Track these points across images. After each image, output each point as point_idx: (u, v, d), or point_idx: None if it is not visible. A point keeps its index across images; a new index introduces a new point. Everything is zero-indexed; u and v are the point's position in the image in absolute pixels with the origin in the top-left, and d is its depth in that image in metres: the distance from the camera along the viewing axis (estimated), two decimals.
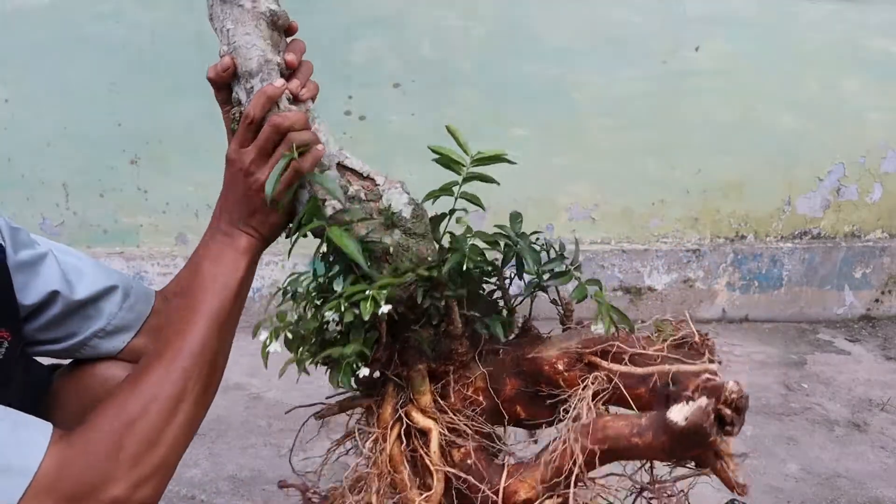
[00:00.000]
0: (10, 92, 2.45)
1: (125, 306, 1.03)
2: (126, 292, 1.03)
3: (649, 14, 2.67)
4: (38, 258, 0.97)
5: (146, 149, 2.55)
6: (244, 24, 0.92)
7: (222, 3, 0.93)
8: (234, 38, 0.93)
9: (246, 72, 0.92)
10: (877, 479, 1.89)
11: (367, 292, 0.83)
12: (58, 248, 1.01)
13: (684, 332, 0.91)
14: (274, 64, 0.93)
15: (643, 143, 2.80)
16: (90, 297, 0.99)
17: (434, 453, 0.92)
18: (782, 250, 2.99)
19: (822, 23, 2.77)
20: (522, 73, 2.65)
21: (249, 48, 0.92)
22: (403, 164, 2.69)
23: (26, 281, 0.95)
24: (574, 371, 0.92)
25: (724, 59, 2.75)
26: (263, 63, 0.92)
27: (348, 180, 0.93)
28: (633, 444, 0.82)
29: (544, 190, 2.80)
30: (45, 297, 0.96)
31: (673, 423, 0.76)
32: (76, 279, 0.99)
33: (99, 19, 2.41)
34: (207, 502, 1.65)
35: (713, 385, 0.76)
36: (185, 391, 0.86)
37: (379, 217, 0.92)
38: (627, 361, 0.89)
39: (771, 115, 2.85)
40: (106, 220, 2.59)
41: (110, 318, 1.01)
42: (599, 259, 2.87)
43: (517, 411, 0.98)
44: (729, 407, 0.76)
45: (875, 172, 2.98)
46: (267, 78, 0.91)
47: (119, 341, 1.03)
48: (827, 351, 2.77)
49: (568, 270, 0.97)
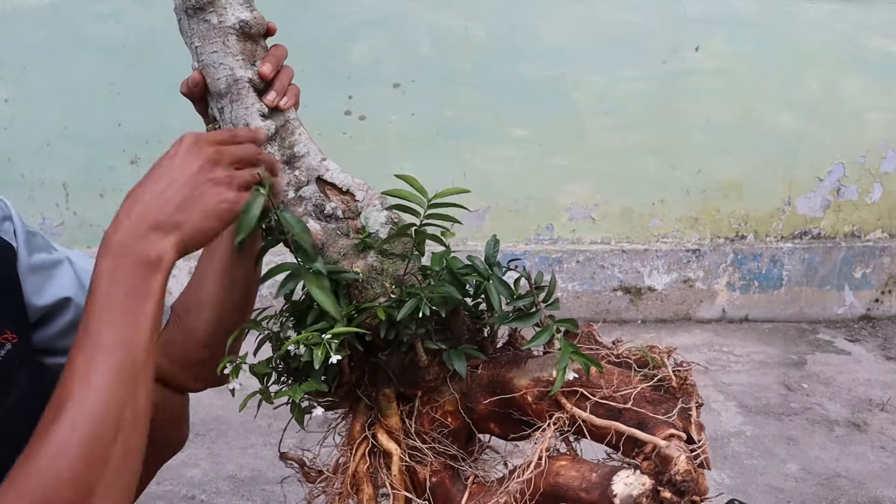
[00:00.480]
0: (10, 92, 2.45)
1: None
2: None
3: (649, 14, 2.67)
4: (54, 263, 0.95)
5: (146, 149, 2.55)
6: (211, 42, 0.89)
7: (188, 17, 0.89)
8: (202, 57, 0.90)
9: (215, 92, 0.90)
10: (877, 479, 1.89)
11: (323, 337, 0.81)
12: (76, 256, 0.99)
13: (662, 374, 0.90)
14: (244, 81, 0.90)
15: (643, 143, 2.80)
16: None
17: (395, 476, 0.92)
18: (782, 250, 2.99)
19: (822, 23, 2.77)
20: (522, 73, 2.65)
21: (217, 67, 0.89)
22: (403, 164, 2.69)
23: (40, 283, 0.93)
24: (542, 405, 0.92)
25: (724, 59, 2.75)
26: (232, 83, 0.89)
27: (327, 195, 0.91)
28: (580, 498, 0.82)
29: (544, 190, 2.80)
30: (58, 301, 0.94)
31: (612, 495, 0.76)
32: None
33: (99, 19, 2.41)
34: (207, 502, 1.66)
35: (665, 455, 0.76)
36: (91, 480, 0.67)
37: (355, 237, 0.89)
38: (596, 402, 0.88)
39: (771, 115, 2.85)
40: (106, 220, 2.57)
41: None
42: (599, 259, 2.87)
43: (491, 428, 0.98)
44: (672, 488, 0.74)
45: (875, 172, 2.98)
46: (236, 98, 0.89)
47: None
48: (827, 351, 2.77)
49: (536, 311, 0.95)
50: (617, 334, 3.08)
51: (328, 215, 0.90)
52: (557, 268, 2.83)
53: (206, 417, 2.01)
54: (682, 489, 0.74)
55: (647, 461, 0.77)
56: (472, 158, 2.71)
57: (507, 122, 2.70)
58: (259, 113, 0.90)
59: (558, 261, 2.83)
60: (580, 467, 0.85)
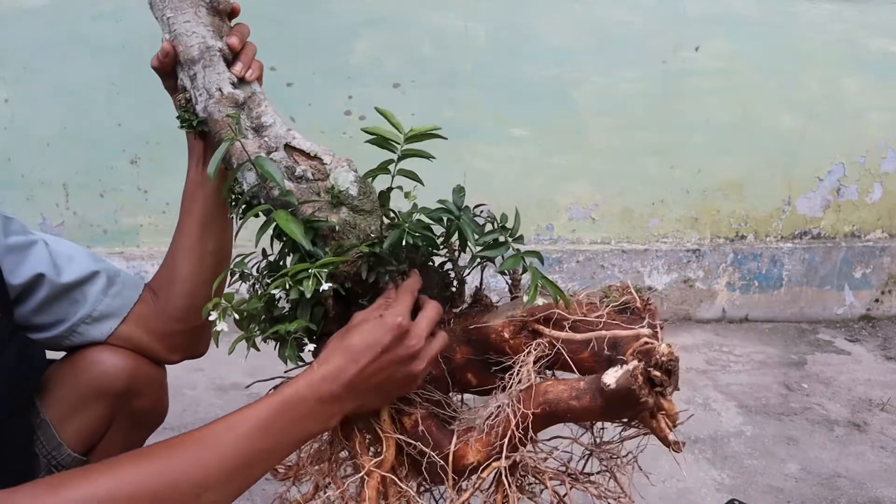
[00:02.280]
0: (10, 92, 2.45)
1: (111, 293, 1.06)
2: (111, 279, 1.07)
3: (649, 14, 2.67)
4: (29, 244, 1.01)
5: (146, 149, 2.55)
6: (183, 12, 0.95)
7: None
8: (175, 26, 0.96)
9: (188, 59, 0.95)
10: (877, 479, 1.89)
11: (310, 271, 0.85)
12: (51, 239, 1.05)
13: (627, 297, 0.95)
14: (215, 50, 0.94)
15: (643, 143, 2.80)
16: (75, 280, 1.03)
17: (384, 421, 0.93)
18: (782, 250, 2.99)
19: (822, 23, 2.77)
20: (522, 73, 2.65)
21: (189, 35, 0.94)
22: (403, 164, 2.69)
23: (16, 262, 0.98)
24: (519, 338, 0.95)
25: (724, 59, 2.75)
26: (205, 49, 0.94)
27: (295, 160, 0.94)
28: (571, 406, 0.86)
29: (544, 190, 2.80)
30: (32, 278, 0.99)
31: (606, 386, 0.81)
32: (64, 264, 1.03)
33: (99, 19, 2.41)
34: None
35: (646, 348, 0.81)
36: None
37: (326, 196, 0.93)
38: (569, 328, 0.92)
39: (771, 115, 2.85)
40: (106, 220, 2.59)
41: (95, 303, 1.05)
42: (599, 259, 2.87)
43: (468, 379, 1.00)
44: (659, 369, 0.80)
45: (875, 172, 2.98)
46: (209, 64, 0.93)
47: (106, 328, 1.06)
48: (827, 351, 2.77)
49: (505, 241, 0.99)
50: None
51: (298, 177, 0.93)
52: (557, 267, 2.83)
53: (206, 417, 2.01)
54: (668, 368, 0.80)
55: (632, 356, 0.82)
56: (472, 158, 2.71)
57: (507, 122, 2.70)
58: (229, 80, 0.94)
59: (558, 261, 2.83)
60: (567, 382, 0.89)
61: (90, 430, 1.09)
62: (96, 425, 1.10)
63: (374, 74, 2.60)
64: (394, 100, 2.61)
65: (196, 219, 1.08)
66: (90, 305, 1.04)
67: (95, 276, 1.05)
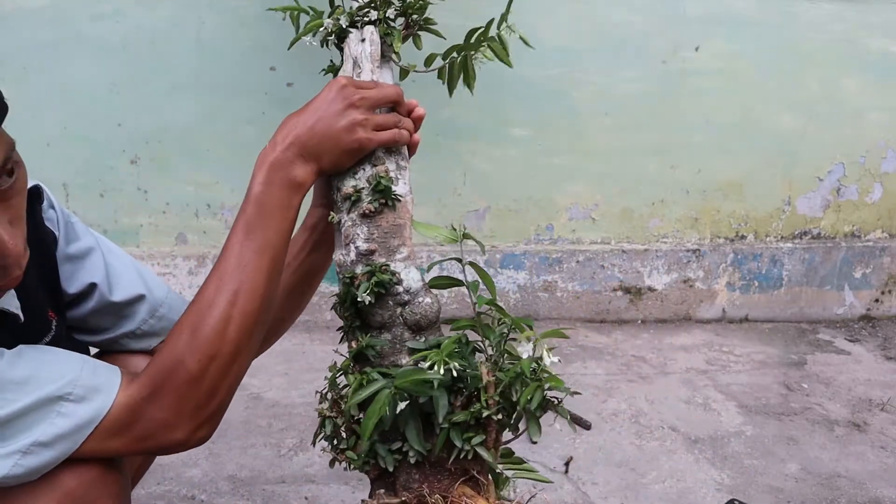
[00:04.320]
0: (10, 92, 2.43)
1: (157, 314, 1.09)
2: (155, 305, 1.08)
3: (649, 14, 2.67)
4: (86, 252, 1.03)
5: (146, 149, 2.55)
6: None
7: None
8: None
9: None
10: (877, 479, 1.89)
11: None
12: (105, 247, 1.07)
13: None
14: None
15: (643, 143, 2.80)
16: (124, 301, 1.05)
17: None
18: (782, 250, 2.99)
19: (822, 23, 2.77)
20: (522, 73, 2.65)
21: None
22: None
23: (73, 270, 1.01)
24: None
25: (724, 59, 2.75)
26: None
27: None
28: None
29: (544, 190, 2.80)
30: (86, 287, 1.02)
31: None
32: (115, 282, 1.05)
33: (99, 19, 2.41)
34: (207, 502, 1.65)
35: None
36: (241, 347, 0.89)
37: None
38: None
39: (771, 115, 2.85)
40: (106, 220, 2.59)
41: (141, 323, 1.07)
42: (599, 259, 2.87)
43: None
44: None
45: (875, 172, 2.98)
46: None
47: (147, 344, 1.09)
48: (827, 351, 2.77)
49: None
50: (617, 334, 3.10)
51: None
52: (557, 267, 2.83)
53: None
54: None
55: None
56: (472, 158, 2.71)
57: (507, 122, 2.70)
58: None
59: (558, 261, 2.83)
60: None
61: None
62: None
63: None
64: None
65: (284, 285, 1.06)
66: (135, 324, 1.07)
67: (141, 300, 1.07)
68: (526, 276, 2.81)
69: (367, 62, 1.11)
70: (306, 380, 2.25)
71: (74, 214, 1.06)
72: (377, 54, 1.12)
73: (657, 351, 2.66)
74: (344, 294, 0.98)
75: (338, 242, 1.03)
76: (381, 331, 0.98)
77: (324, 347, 2.47)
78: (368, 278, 0.95)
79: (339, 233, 1.02)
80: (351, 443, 0.98)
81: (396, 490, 0.96)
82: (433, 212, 2.70)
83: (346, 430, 0.99)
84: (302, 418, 2.04)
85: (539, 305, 2.83)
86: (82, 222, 1.06)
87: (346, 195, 1.00)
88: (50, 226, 0.99)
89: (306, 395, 2.16)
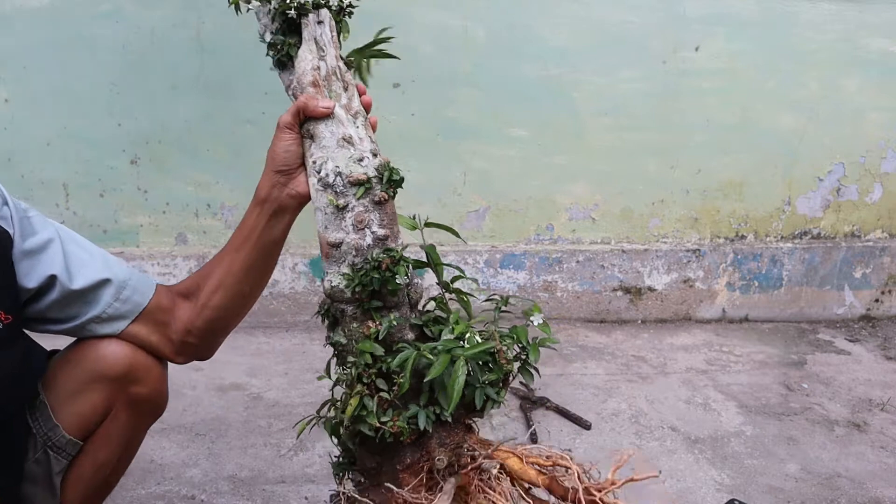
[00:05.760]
0: (10, 92, 2.45)
1: (121, 297, 1.10)
2: (120, 287, 1.10)
3: (649, 14, 2.67)
4: (44, 245, 1.04)
5: (146, 149, 2.55)
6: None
7: None
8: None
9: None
10: (877, 479, 1.89)
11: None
12: (65, 236, 1.08)
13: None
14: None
15: (643, 143, 2.80)
16: (86, 287, 1.06)
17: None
18: (782, 250, 2.99)
19: (822, 23, 2.77)
20: (522, 73, 2.65)
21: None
22: (403, 164, 2.69)
23: (31, 265, 1.02)
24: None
25: (724, 59, 2.75)
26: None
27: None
28: None
29: (544, 190, 2.80)
30: (45, 280, 1.03)
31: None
32: (76, 270, 1.06)
33: (99, 19, 2.41)
34: (207, 502, 1.65)
35: None
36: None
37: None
38: None
39: (771, 115, 2.85)
40: (106, 220, 2.59)
41: (106, 307, 1.09)
42: (599, 259, 2.87)
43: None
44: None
45: (875, 172, 2.98)
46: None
47: (115, 327, 1.11)
48: (827, 351, 2.77)
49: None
50: (617, 334, 3.09)
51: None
52: (557, 267, 2.83)
53: (206, 417, 2.01)
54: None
55: None
56: (472, 158, 2.71)
57: (507, 122, 2.70)
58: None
59: (558, 261, 2.83)
60: None
61: (88, 414, 1.12)
62: (94, 410, 1.12)
63: (374, 74, 2.60)
64: (394, 100, 2.61)
65: (243, 261, 1.14)
66: (101, 308, 1.08)
67: (105, 284, 1.08)
68: (526, 275, 2.81)
69: (331, 47, 1.16)
70: (306, 380, 2.25)
71: (33, 208, 1.06)
72: (335, 39, 1.19)
73: (657, 351, 2.66)
74: (364, 276, 1.03)
75: (327, 223, 1.06)
76: (392, 310, 1.06)
77: (324, 347, 2.47)
78: (395, 262, 1.03)
79: (331, 214, 1.06)
80: (389, 415, 1.03)
81: (431, 449, 1.05)
82: (433, 212, 2.70)
83: (385, 405, 1.03)
84: (302, 418, 2.03)
85: (539, 305, 2.82)
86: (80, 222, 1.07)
87: (357, 181, 1.05)
88: (3, 224, 0.99)
89: (306, 395, 2.16)
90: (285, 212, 1.12)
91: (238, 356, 2.41)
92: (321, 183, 1.07)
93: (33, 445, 1.11)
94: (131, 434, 1.18)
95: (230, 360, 2.37)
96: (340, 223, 1.05)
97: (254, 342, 2.52)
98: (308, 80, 1.13)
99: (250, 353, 2.44)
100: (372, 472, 1.09)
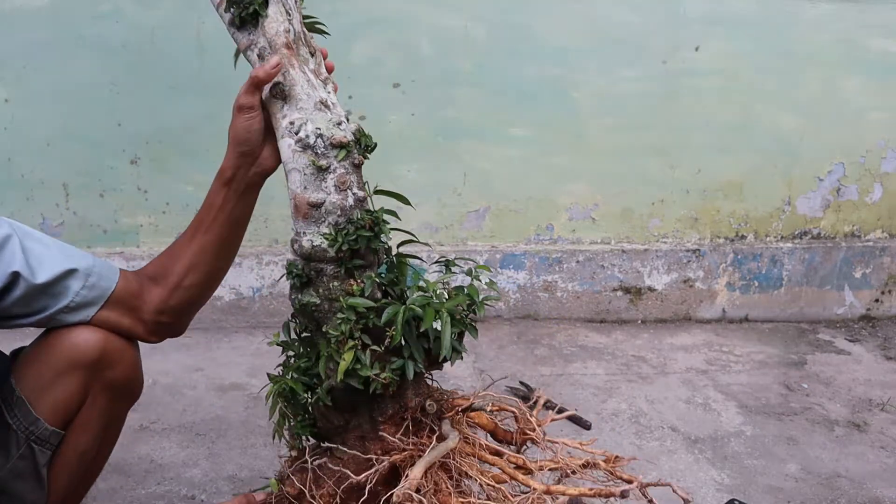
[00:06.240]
0: (10, 92, 2.45)
1: (87, 284, 1.11)
2: (87, 274, 1.11)
3: (649, 14, 2.67)
4: (2, 243, 1.04)
5: (146, 149, 2.55)
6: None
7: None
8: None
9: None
10: (877, 479, 1.89)
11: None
12: (22, 233, 1.08)
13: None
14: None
15: (643, 143, 2.80)
16: (51, 279, 1.07)
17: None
18: (782, 250, 2.99)
19: (822, 23, 2.77)
20: (522, 73, 2.65)
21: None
22: (403, 164, 2.69)
23: None
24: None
25: (724, 59, 2.75)
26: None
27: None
28: None
29: (544, 190, 2.80)
30: (8, 277, 1.03)
31: None
32: (37, 264, 1.06)
33: (99, 19, 2.41)
34: (207, 502, 1.65)
35: None
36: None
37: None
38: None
39: (771, 115, 2.85)
40: (106, 220, 2.59)
41: (73, 295, 1.09)
42: (599, 259, 2.87)
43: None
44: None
45: (875, 172, 2.98)
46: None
47: (84, 315, 1.12)
48: (827, 351, 2.77)
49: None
50: (617, 334, 3.09)
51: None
52: (557, 267, 2.83)
53: (206, 417, 2.01)
54: None
55: None
56: (472, 158, 2.71)
57: (507, 122, 2.70)
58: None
59: (558, 261, 2.83)
60: None
61: (65, 404, 1.13)
62: (71, 398, 1.13)
63: (374, 74, 2.60)
64: (394, 100, 2.61)
65: (214, 238, 1.16)
66: (69, 298, 1.09)
67: (71, 274, 1.09)
68: (526, 276, 2.81)
69: (296, 11, 1.15)
70: None
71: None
72: (298, 4, 1.18)
73: (657, 351, 2.66)
74: (349, 236, 1.05)
75: (306, 183, 1.06)
76: (369, 269, 1.09)
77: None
78: (375, 223, 1.06)
79: (310, 174, 1.06)
80: (378, 367, 1.06)
81: (408, 399, 1.10)
82: (433, 212, 2.71)
83: (375, 358, 1.06)
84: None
85: (539, 305, 2.83)
86: (80, 222, 1.07)
87: (339, 143, 1.06)
88: None
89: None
90: (253, 189, 1.16)
91: (238, 356, 2.41)
92: (300, 144, 1.06)
93: (15, 442, 1.11)
94: (109, 418, 1.19)
95: (230, 360, 2.37)
96: (321, 184, 1.05)
97: (254, 342, 2.52)
98: (282, 42, 1.11)
99: (250, 353, 2.44)
100: (339, 430, 1.12)
